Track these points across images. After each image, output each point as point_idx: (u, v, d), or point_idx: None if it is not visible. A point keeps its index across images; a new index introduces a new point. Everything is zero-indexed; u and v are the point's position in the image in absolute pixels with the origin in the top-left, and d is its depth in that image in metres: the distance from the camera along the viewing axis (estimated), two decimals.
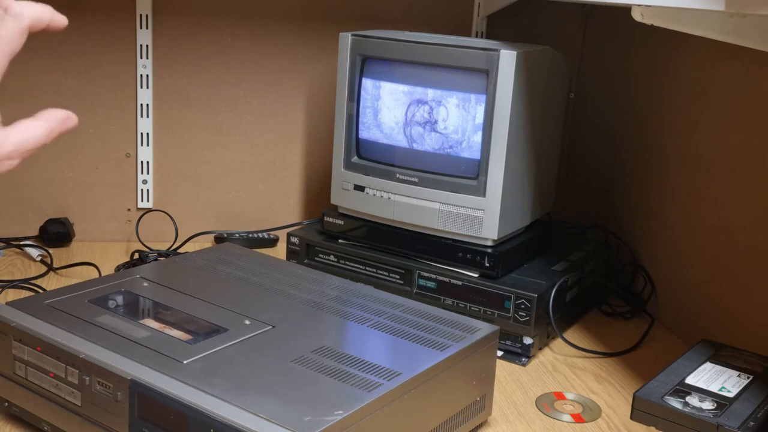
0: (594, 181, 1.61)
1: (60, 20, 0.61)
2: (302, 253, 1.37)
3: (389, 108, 1.27)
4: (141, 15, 1.50)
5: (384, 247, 1.30)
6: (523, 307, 1.16)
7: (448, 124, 1.22)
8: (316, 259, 1.36)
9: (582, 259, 1.35)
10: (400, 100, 1.26)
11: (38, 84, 1.49)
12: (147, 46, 1.52)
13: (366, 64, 1.28)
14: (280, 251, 1.55)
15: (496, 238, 1.22)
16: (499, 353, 1.19)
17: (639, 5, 0.95)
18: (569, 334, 1.27)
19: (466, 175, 1.22)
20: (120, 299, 0.99)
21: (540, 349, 1.22)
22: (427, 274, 1.25)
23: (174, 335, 0.90)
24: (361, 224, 1.33)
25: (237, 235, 1.58)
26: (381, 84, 1.27)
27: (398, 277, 1.28)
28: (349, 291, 1.06)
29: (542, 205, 1.36)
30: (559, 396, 1.09)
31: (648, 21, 0.96)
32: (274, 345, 0.88)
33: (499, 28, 1.62)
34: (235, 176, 1.62)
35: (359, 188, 1.31)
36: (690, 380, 1.06)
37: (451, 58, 1.21)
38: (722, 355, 1.14)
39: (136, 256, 1.45)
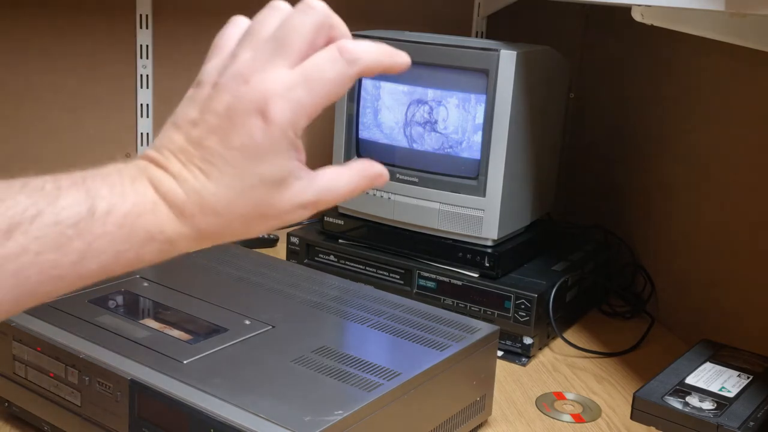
0: (594, 180, 1.61)
1: (401, 62, 0.52)
2: (302, 253, 1.37)
3: (389, 108, 1.27)
4: (141, 15, 1.50)
5: (384, 247, 1.30)
6: (523, 307, 1.16)
7: (448, 124, 1.22)
8: (316, 259, 1.36)
9: (582, 259, 1.35)
10: (400, 100, 1.26)
11: (38, 84, 1.49)
12: (147, 46, 1.52)
13: None
14: (280, 251, 1.55)
15: (496, 238, 1.22)
16: (499, 353, 1.19)
17: (639, 5, 0.95)
18: (569, 334, 1.27)
19: (466, 175, 1.22)
20: (120, 299, 0.99)
21: (540, 349, 1.22)
22: (427, 274, 1.25)
23: (174, 335, 0.90)
24: (361, 224, 1.33)
25: None
26: (381, 84, 1.27)
27: (398, 277, 1.28)
28: (349, 291, 1.06)
29: (542, 205, 1.36)
30: (559, 396, 1.09)
31: (648, 21, 0.96)
32: (274, 345, 0.88)
33: (499, 28, 1.62)
34: None
35: None
36: (690, 380, 1.06)
37: (451, 58, 1.21)
38: (722, 355, 1.14)
39: None
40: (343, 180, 0.55)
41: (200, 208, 0.51)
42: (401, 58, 0.52)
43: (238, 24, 0.55)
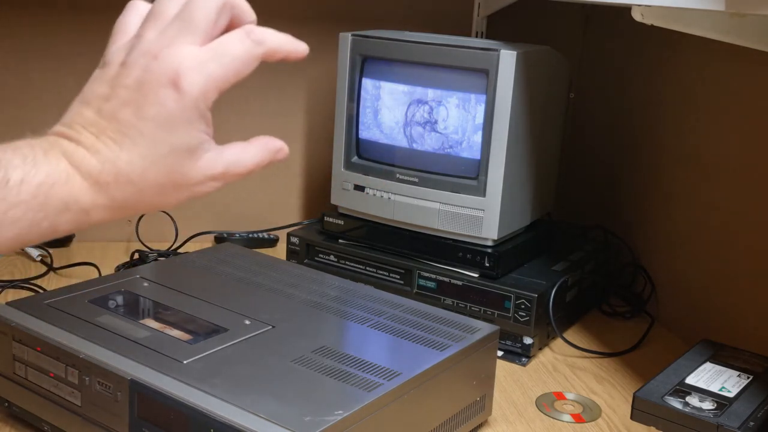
0: (594, 181, 1.61)
1: (301, 49, 0.57)
2: (302, 253, 1.37)
3: (389, 108, 1.27)
4: None
5: (384, 247, 1.30)
6: (523, 307, 1.16)
7: (448, 124, 1.22)
8: (316, 259, 1.36)
9: (582, 259, 1.35)
10: (400, 100, 1.26)
11: (38, 84, 1.49)
12: None
13: (366, 64, 1.28)
14: (280, 251, 1.55)
15: (496, 238, 1.22)
16: (499, 353, 1.19)
17: (639, 5, 0.95)
18: (569, 334, 1.27)
19: (466, 175, 1.22)
20: (120, 299, 0.99)
21: (540, 349, 1.22)
22: (427, 274, 1.25)
23: (174, 335, 0.90)
24: (361, 224, 1.33)
25: (237, 235, 1.58)
26: (381, 84, 1.27)
27: (398, 277, 1.28)
28: (349, 291, 1.06)
29: (542, 205, 1.36)
30: (559, 396, 1.09)
31: (648, 21, 0.96)
32: (274, 345, 0.88)
33: (499, 28, 1.62)
34: None
35: (359, 188, 1.31)
36: (690, 380, 1.06)
37: (451, 58, 1.21)
38: (722, 355, 1.14)
39: (136, 256, 1.45)
40: (249, 153, 0.58)
41: (115, 177, 0.52)
42: (301, 47, 0.57)
43: (138, 8, 0.57)
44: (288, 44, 0.56)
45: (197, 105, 0.52)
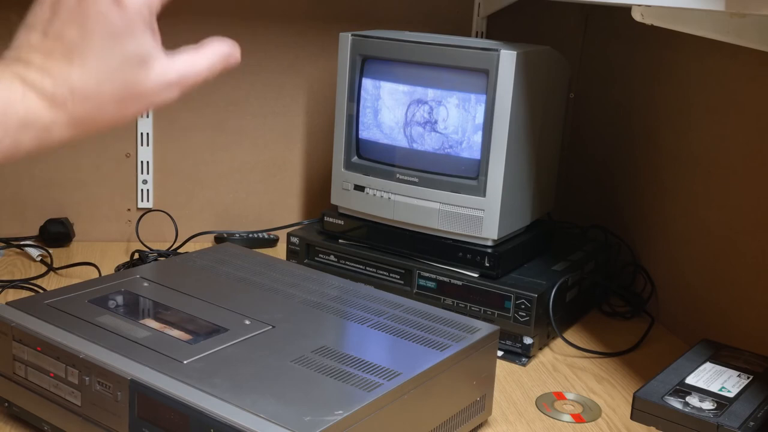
0: (594, 181, 1.61)
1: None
2: (302, 253, 1.37)
3: (389, 108, 1.27)
4: None
5: (384, 247, 1.30)
6: (523, 307, 1.16)
7: (448, 124, 1.22)
8: (316, 259, 1.36)
9: (582, 259, 1.35)
10: (400, 100, 1.26)
11: None
12: None
13: (366, 64, 1.28)
14: (280, 251, 1.55)
15: (496, 238, 1.22)
16: (499, 353, 1.19)
17: (639, 5, 0.95)
18: (569, 334, 1.27)
19: (466, 175, 1.22)
20: (120, 299, 0.99)
21: (540, 349, 1.22)
22: (427, 274, 1.25)
23: (174, 335, 0.90)
24: (361, 224, 1.33)
25: (237, 235, 1.58)
26: (381, 84, 1.27)
27: (398, 277, 1.28)
28: (349, 291, 1.06)
29: (542, 205, 1.36)
30: (559, 396, 1.09)
31: (648, 21, 0.96)
32: (274, 345, 0.88)
33: (499, 28, 1.62)
34: (235, 176, 1.62)
35: (359, 188, 1.31)
36: (690, 380, 1.06)
37: (451, 58, 1.21)
38: (722, 355, 1.14)
39: (136, 256, 1.45)
40: (201, 57, 0.58)
41: (70, 93, 0.53)
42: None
43: None
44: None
45: (141, 13, 0.53)
